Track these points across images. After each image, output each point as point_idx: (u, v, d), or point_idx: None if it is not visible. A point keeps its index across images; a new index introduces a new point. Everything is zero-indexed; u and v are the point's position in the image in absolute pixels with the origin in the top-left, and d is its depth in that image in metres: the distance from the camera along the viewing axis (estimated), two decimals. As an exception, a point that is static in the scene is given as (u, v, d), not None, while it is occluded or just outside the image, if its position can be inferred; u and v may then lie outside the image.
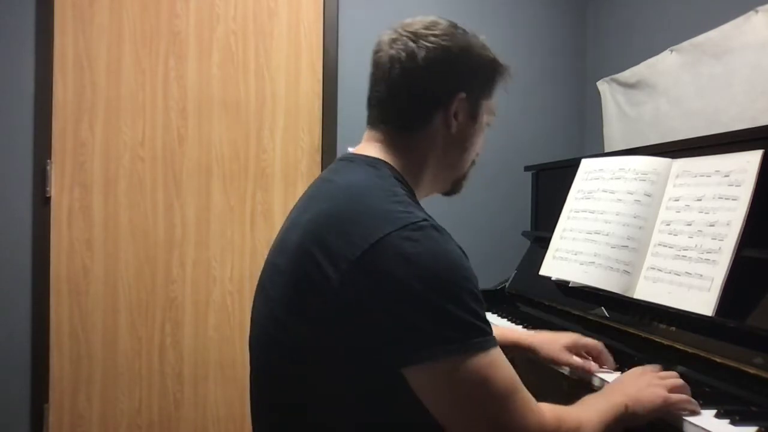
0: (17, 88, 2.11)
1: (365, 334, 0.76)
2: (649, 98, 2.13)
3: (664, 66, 2.04)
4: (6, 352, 2.09)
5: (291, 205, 2.58)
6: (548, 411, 0.79)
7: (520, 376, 0.79)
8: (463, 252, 0.81)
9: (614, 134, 2.36)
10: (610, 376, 1.14)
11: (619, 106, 2.33)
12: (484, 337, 0.76)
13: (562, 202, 1.68)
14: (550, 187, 2.07)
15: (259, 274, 0.98)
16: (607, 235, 1.43)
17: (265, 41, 2.33)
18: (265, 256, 1.00)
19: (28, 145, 2.12)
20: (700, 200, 1.23)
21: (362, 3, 2.42)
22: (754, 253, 1.09)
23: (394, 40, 0.92)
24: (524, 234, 2.09)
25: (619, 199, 1.44)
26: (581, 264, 1.48)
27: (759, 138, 1.18)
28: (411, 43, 0.91)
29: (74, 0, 2.17)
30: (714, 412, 0.94)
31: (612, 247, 1.40)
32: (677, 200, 1.30)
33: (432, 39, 0.92)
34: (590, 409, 0.86)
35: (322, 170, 2.37)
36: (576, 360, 1.19)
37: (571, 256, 1.54)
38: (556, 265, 1.60)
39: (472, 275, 0.79)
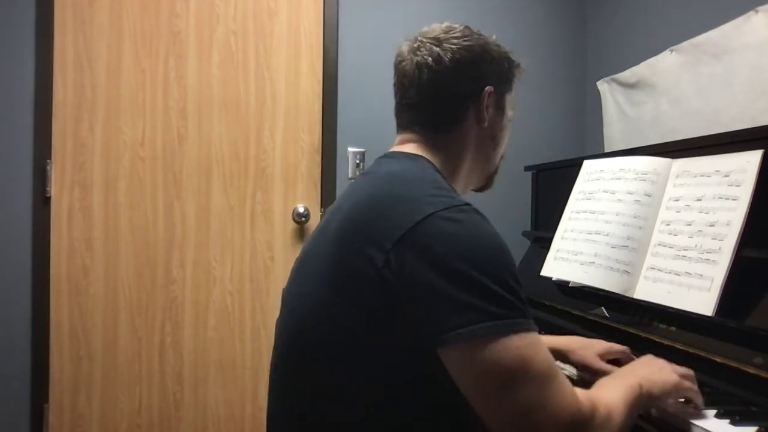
0: (17, 88, 2.11)
1: (406, 314, 0.77)
2: (649, 98, 2.13)
3: (664, 66, 2.04)
4: (6, 352, 2.09)
5: (291, 205, 2.58)
6: (582, 396, 0.78)
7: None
8: None
9: (614, 134, 2.36)
10: None
11: (619, 106, 2.33)
12: (524, 318, 0.76)
13: (562, 203, 1.68)
14: (550, 187, 2.07)
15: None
16: (607, 235, 1.43)
17: (265, 41, 2.33)
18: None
19: (28, 145, 2.12)
20: (700, 200, 1.23)
21: (362, 3, 2.42)
22: (754, 253, 1.09)
23: (416, 48, 0.98)
24: (524, 234, 2.09)
25: (620, 200, 1.44)
26: (581, 264, 1.48)
27: (759, 138, 1.18)
28: (435, 48, 0.96)
29: (74, 0, 2.17)
30: (714, 412, 0.94)
31: (612, 247, 1.40)
32: (677, 200, 1.30)
33: (454, 41, 0.97)
34: (613, 392, 0.85)
35: (321, 170, 2.38)
36: (609, 367, 1.15)
37: (572, 257, 1.54)
38: (556, 266, 1.60)
39: (513, 260, 0.80)
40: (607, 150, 2.36)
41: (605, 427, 0.77)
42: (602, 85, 2.44)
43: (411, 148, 0.98)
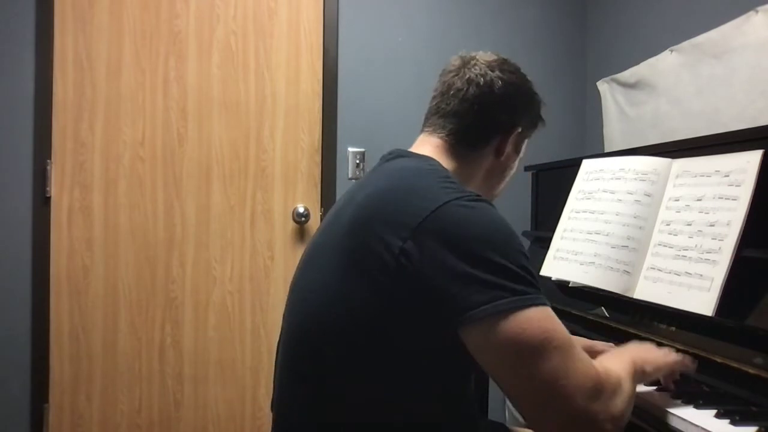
0: (17, 88, 2.11)
1: (425, 298, 0.80)
2: (649, 98, 2.13)
3: (664, 66, 2.04)
4: (6, 352, 2.09)
5: (291, 205, 2.58)
6: (596, 362, 0.82)
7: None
8: None
9: (614, 134, 2.36)
10: None
11: (619, 106, 2.33)
12: (539, 292, 0.80)
13: (562, 202, 1.68)
14: (550, 187, 2.07)
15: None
16: (607, 235, 1.43)
17: (265, 41, 2.33)
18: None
19: (28, 145, 2.12)
20: (700, 200, 1.23)
21: (362, 3, 2.42)
22: (754, 253, 1.09)
23: (471, 65, 1.03)
24: (524, 234, 2.08)
25: (619, 200, 1.43)
26: (581, 264, 1.48)
27: (759, 138, 1.18)
28: (489, 72, 1.02)
29: (74, 0, 2.17)
30: (714, 412, 0.94)
31: (612, 247, 1.40)
32: (677, 200, 1.29)
33: (507, 74, 1.03)
34: (616, 364, 0.89)
35: (321, 170, 2.38)
36: None
37: (572, 257, 1.54)
38: (556, 266, 1.60)
39: (521, 243, 0.84)
40: (607, 150, 2.36)
41: (619, 392, 0.81)
42: (602, 85, 2.44)
43: (428, 150, 1.01)
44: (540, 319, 0.77)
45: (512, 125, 1.04)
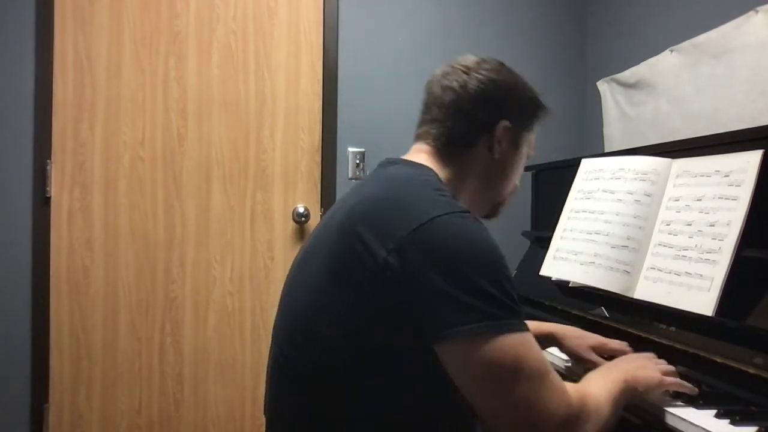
0: (17, 88, 2.11)
1: (404, 310, 0.80)
2: (649, 98, 2.13)
3: (664, 66, 2.04)
4: (6, 352, 2.09)
5: (291, 205, 2.58)
6: (572, 390, 0.82)
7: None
8: None
9: (614, 134, 2.36)
10: None
11: (619, 106, 2.33)
12: (518, 318, 0.80)
13: (562, 202, 1.68)
14: (550, 187, 2.07)
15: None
16: (607, 235, 1.43)
17: (265, 41, 2.34)
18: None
19: (28, 145, 2.12)
20: (700, 200, 1.23)
21: (362, 3, 2.42)
22: (754, 253, 1.09)
23: (447, 73, 1.04)
24: (524, 234, 2.09)
25: (619, 199, 1.43)
26: (581, 264, 1.48)
27: (759, 138, 1.18)
28: (464, 75, 1.02)
29: (74, 0, 2.17)
30: (714, 412, 0.94)
31: (612, 247, 1.40)
32: (677, 200, 1.29)
33: (482, 72, 1.02)
34: (600, 386, 0.90)
35: (321, 170, 2.38)
36: (599, 359, 1.20)
37: (571, 256, 1.54)
38: (556, 266, 1.60)
39: (506, 263, 0.84)
40: (607, 150, 2.36)
41: (593, 420, 0.83)
42: (602, 85, 2.44)
43: (421, 158, 1.01)
44: (514, 345, 0.78)
45: (496, 121, 1.01)
